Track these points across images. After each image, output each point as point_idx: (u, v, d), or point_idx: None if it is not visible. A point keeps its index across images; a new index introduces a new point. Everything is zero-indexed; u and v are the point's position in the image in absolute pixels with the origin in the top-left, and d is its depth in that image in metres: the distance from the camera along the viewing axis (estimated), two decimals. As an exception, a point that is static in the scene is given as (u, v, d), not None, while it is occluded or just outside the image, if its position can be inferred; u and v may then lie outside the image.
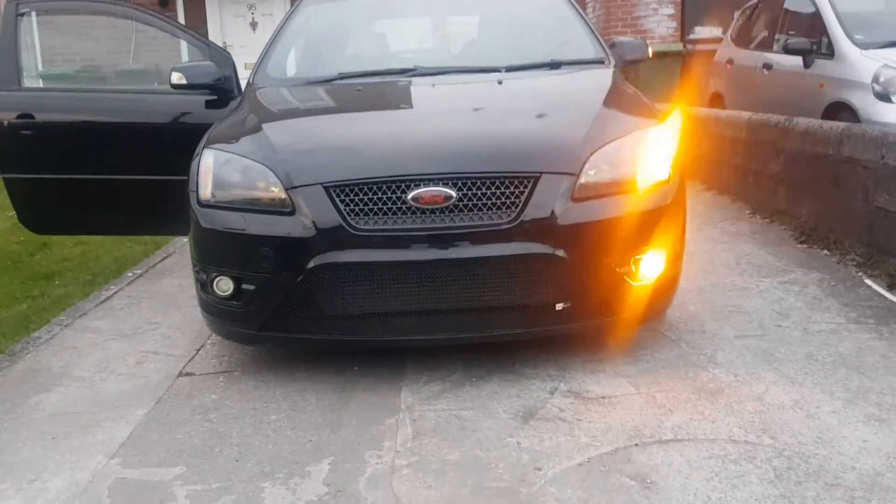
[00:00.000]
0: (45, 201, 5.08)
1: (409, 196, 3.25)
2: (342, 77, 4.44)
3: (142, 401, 3.45)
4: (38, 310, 4.90)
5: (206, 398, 3.45)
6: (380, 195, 3.27)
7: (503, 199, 3.27)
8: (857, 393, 3.19)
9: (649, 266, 3.46)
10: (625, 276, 3.40)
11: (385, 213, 3.26)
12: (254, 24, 13.10)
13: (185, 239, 4.31)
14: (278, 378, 3.59)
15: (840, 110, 6.74)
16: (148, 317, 4.59)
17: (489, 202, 3.27)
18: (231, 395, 3.46)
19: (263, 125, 3.78)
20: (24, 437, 3.18)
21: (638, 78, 10.36)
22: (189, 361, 3.86)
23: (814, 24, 7.55)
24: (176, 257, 5.97)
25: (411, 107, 4.14)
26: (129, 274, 5.59)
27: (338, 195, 3.29)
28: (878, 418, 2.98)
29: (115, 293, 5.11)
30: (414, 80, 4.30)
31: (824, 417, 3.01)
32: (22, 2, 5.17)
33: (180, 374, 3.72)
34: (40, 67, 12.00)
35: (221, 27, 13.08)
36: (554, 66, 4.42)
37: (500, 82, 4.16)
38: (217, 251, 3.47)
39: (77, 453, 3.02)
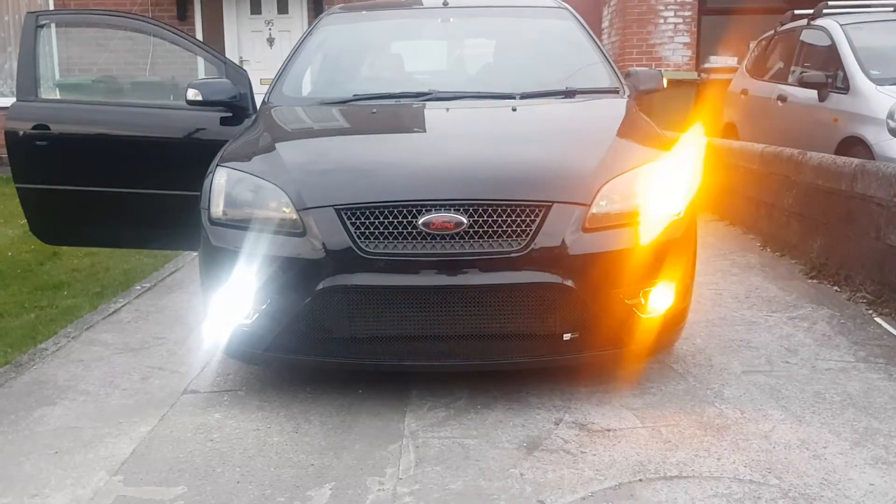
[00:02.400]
0: (57, 212, 5.10)
1: (420, 221, 3.25)
2: (357, 98, 4.45)
3: (146, 417, 3.45)
4: (46, 320, 4.92)
5: (210, 417, 3.44)
6: (391, 219, 3.27)
7: (514, 227, 3.27)
8: (865, 434, 3.17)
9: (658, 298, 3.44)
10: (633, 308, 3.39)
11: (395, 238, 3.26)
12: (271, 41, 13.16)
13: (195, 253, 4.32)
14: (282, 399, 3.59)
15: (854, 145, 6.74)
16: (155, 332, 4.59)
17: (500, 230, 3.26)
18: (235, 414, 3.46)
19: (277, 145, 3.79)
20: (27, 450, 3.18)
21: (652, 105, 10.38)
22: (194, 379, 3.86)
23: (830, 58, 7.57)
24: (185, 271, 5.98)
25: (425, 131, 4.15)
26: (138, 287, 5.60)
27: (349, 218, 3.29)
28: (885, 461, 2.96)
29: (122, 306, 5.12)
30: (428, 104, 4.31)
31: (831, 458, 2.98)
32: (42, 13, 5.23)
33: (185, 392, 3.72)
34: (57, 77, 12.11)
35: (238, 42, 13.14)
36: (568, 94, 4.42)
37: (514, 109, 4.17)
38: (226, 269, 3.47)
39: (79, 469, 3.02)
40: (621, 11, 12.72)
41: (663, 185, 3.53)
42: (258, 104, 4.71)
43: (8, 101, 5.54)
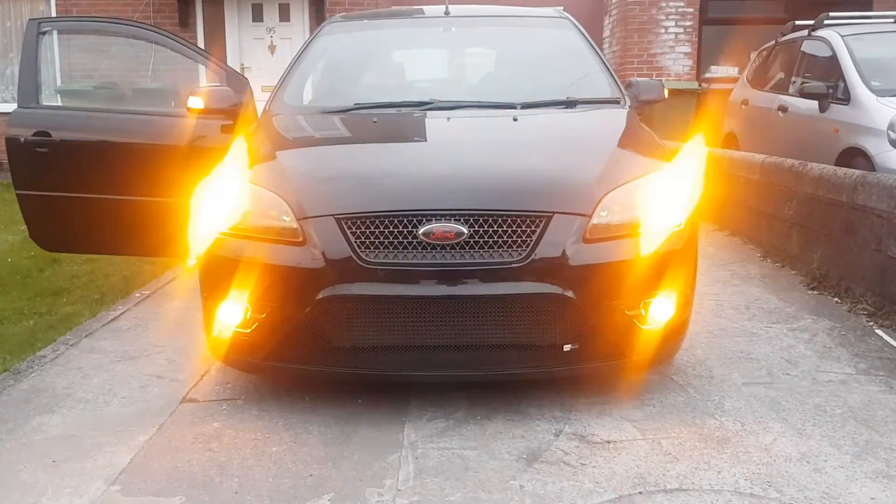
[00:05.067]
0: (57, 219, 5.10)
1: (421, 231, 3.24)
2: (358, 107, 4.44)
3: (144, 426, 3.43)
4: (45, 327, 4.90)
5: (209, 426, 3.43)
6: (391, 229, 3.26)
7: (514, 238, 3.26)
8: (866, 448, 3.15)
9: (659, 310, 3.43)
10: (634, 320, 3.38)
11: (396, 247, 3.26)
12: (272, 48, 13.19)
13: (194, 261, 4.30)
14: (281, 408, 3.57)
15: (854, 156, 6.74)
16: (154, 339, 4.58)
17: (500, 240, 3.26)
18: (233, 423, 3.44)
19: (278, 153, 3.79)
20: (25, 458, 3.17)
21: (653, 115, 10.39)
22: (193, 387, 3.84)
23: (830, 69, 7.58)
24: (184, 279, 5.97)
25: (426, 141, 4.15)
26: (137, 294, 5.59)
27: (349, 227, 3.29)
28: (886, 475, 2.94)
29: (122, 313, 5.10)
30: (429, 113, 4.30)
31: (831, 472, 2.97)
32: (44, 21, 5.23)
33: (183, 400, 3.70)
34: (59, 83, 12.13)
35: (240, 49, 13.17)
36: (569, 104, 4.42)
37: (515, 119, 4.16)
38: (226, 278, 3.46)
39: (77, 478, 3.00)
40: (622, 21, 12.74)
41: (664, 196, 3.53)
42: (259, 112, 4.71)
43: (9, 108, 5.54)
